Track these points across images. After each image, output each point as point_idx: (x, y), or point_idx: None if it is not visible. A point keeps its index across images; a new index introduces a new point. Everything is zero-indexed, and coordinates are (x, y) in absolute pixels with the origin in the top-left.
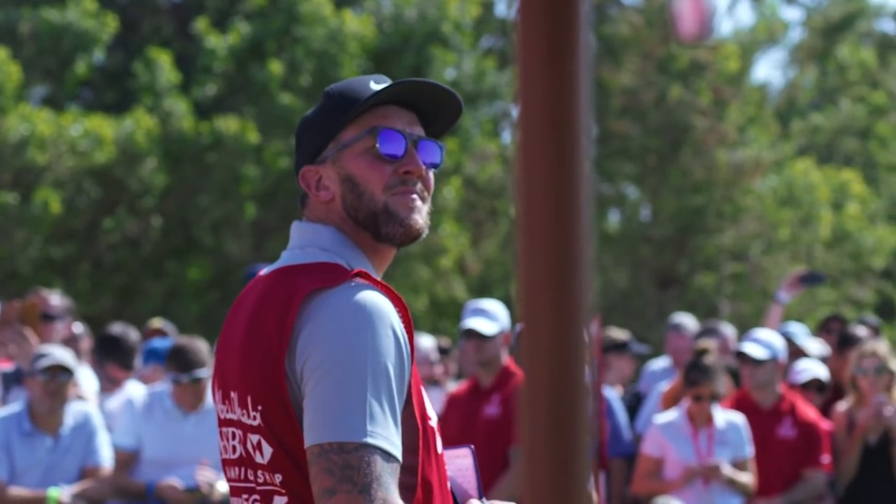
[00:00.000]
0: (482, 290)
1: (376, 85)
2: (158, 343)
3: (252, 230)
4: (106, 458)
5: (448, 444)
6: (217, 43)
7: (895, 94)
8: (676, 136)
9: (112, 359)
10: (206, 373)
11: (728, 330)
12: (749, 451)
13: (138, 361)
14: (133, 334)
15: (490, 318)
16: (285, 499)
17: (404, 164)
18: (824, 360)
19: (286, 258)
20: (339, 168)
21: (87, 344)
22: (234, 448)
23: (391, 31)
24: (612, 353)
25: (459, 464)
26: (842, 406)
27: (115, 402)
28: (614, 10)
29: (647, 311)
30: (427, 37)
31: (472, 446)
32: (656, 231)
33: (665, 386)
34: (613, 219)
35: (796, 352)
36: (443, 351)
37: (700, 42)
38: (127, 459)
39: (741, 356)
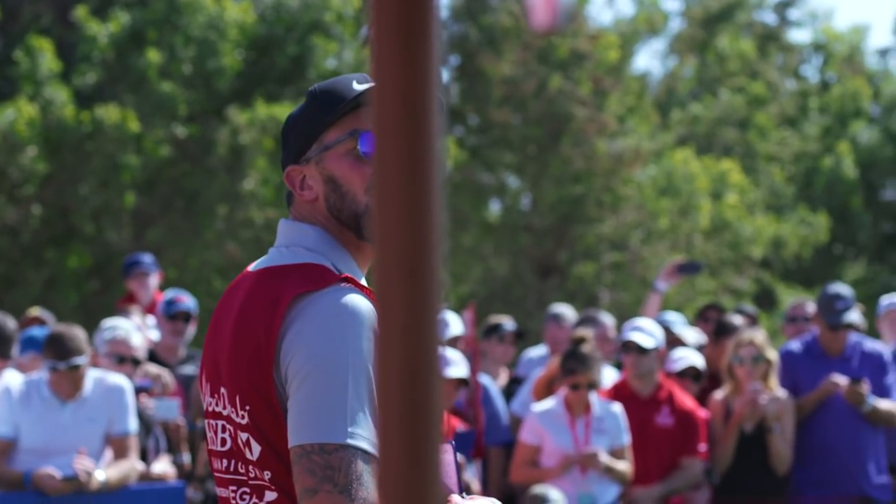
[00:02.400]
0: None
1: (359, 85)
2: (36, 331)
3: (132, 219)
4: None
5: None
6: (98, 31)
7: (774, 85)
8: (557, 125)
9: None
10: (83, 360)
11: (607, 319)
12: (626, 439)
13: (15, 350)
14: (10, 322)
15: None
16: (275, 494)
17: None
18: (701, 348)
19: (273, 257)
20: (323, 169)
21: None
22: (223, 440)
23: (273, 20)
24: (486, 339)
25: None
26: (718, 394)
27: None
28: (495, 0)
29: (528, 300)
30: (309, 26)
31: (453, 442)
32: (536, 220)
33: (540, 372)
34: (494, 208)
35: (673, 340)
36: None
37: (553, 33)
38: (3, 448)
39: (628, 344)
